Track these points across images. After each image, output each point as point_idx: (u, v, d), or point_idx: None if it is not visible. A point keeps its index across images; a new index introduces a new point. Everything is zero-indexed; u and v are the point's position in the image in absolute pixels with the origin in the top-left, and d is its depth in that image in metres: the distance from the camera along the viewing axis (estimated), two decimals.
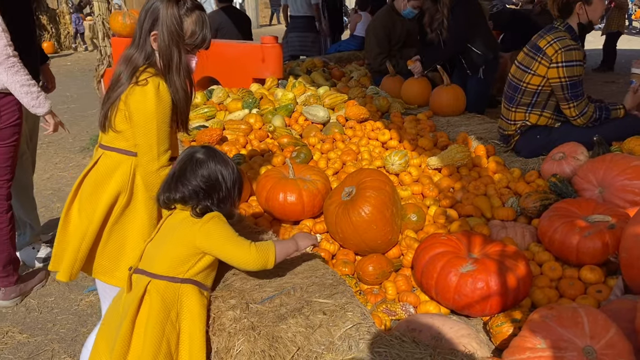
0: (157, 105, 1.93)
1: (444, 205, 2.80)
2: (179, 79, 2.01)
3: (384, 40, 5.21)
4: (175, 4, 1.95)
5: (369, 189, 2.31)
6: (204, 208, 1.83)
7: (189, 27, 1.98)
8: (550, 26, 3.20)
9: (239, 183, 1.93)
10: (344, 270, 2.25)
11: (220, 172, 1.86)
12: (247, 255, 1.76)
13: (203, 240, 1.78)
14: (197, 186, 1.83)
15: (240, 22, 6.54)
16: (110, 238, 2.07)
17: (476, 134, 3.64)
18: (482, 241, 2.15)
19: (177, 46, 1.96)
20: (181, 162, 1.88)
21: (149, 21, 1.97)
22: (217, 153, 1.90)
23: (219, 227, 1.80)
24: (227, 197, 1.89)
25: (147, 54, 2.00)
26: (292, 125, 3.99)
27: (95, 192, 2.07)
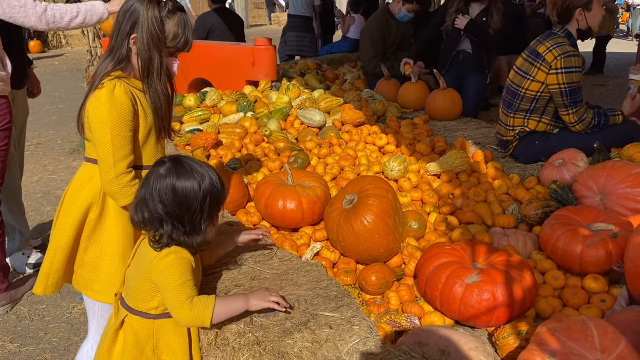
0: (109, 109, 1.81)
1: (444, 213, 2.77)
2: (160, 83, 1.93)
3: (379, 43, 5.18)
4: (156, 5, 1.87)
5: (372, 197, 2.28)
6: (164, 237, 1.67)
7: (171, 29, 1.90)
8: (550, 32, 3.19)
9: (211, 198, 1.68)
10: (346, 280, 2.22)
11: (183, 192, 1.64)
12: (179, 312, 1.61)
13: (156, 279, 1.66)
14: (155, 210, 1.64)
15: (233, 24, 6.48)
16: (87, 250, 2.00)
17: (474, 139, 3.63)
18: (486, 251, 2.12)
19: (157, 49, 1.88)
20: (144, 179, 1.72)
21: (128, 23, 1.88)
22: (181, 166, 1.68)
23: (169, 271, 1.63)
24: (195, 222, 1.67)
25: (121, 58, 1.91)
26: (287, 129, 3.95)
27: (69, 203, 2.01)
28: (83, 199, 1.96)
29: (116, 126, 1.83)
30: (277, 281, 1.89)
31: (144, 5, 1.86)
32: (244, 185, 2.86)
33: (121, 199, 1.89)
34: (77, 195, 1.98)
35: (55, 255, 1.99)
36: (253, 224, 2.70)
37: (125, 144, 1.86)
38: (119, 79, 1.87)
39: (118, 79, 1.86)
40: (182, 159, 1.71)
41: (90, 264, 1.99)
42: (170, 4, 1.90)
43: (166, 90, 1.99)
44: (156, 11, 1.86)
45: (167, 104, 2.02)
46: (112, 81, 1.85)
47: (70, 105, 8.47)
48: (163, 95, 1.98)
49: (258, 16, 25.47)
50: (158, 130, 2.05)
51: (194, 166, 1.69)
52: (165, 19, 1.89)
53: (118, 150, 1.85)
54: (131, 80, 1.93)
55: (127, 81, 1.90)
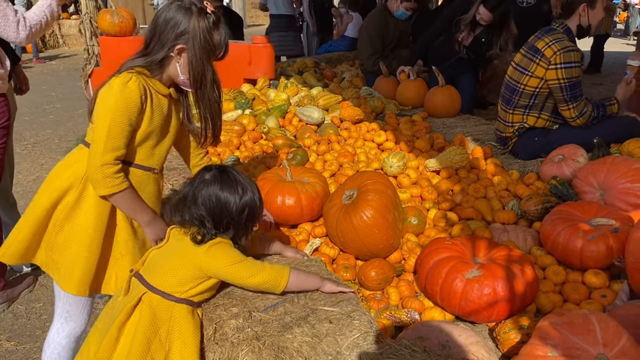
0: (117, 97, 1.80)
1: (443, 208, 2.76)
2: (213, 93, 1.95)
3: (377, 41, 5.17)
4: (205, 16, 1.86)
5: (371, 192, 2.26)
6: (204, 235, 1.77)
7: (216, 40, 1.90)
8: (549, 28, 3.18)
9: (249, 210, 1.81)
10: (346, 276, 2.20)
11: (224, 199, 1.78)
12: (256, 276, 1.74)
13: (209, 265, 1.74)
14: (196, 211, 1.77)
15: (233, 22, 6.47)
16: (60, 232, 1.97)
17: (472, 136, 3.61)
18: (486, 245, 2.11)
19: (209, 60, 1.90)
20: (189, 182, 1.82)
21: (171, 33, 1.86)
22: (227, 176, 1.81)
23: (224, 251, 1.75)
24: (232, 226, 1.80)
25: (153, 62, 1.90)
26: (286, 126, 3.93)
27: (52, 178, 1.99)
28: (65, 177, 1.95)
29: (118, 115, 1.81)
30: None
31: (194, 17, 1.85)
32: None
33: (100, 187, 1.86)
34: (62, 173, 1.97)
35: (24, 223, 1.97)
36: None
37: (120, 136, 1.84)
38: (139, 75, 1.86)
39: (137, 74, 1.85)
40: (229, 170, 1.83)
41: (59, 246, 1.97)
42: (213, 15, 1.89)
43: (218, 99, 2.02)
44: (206, 22, 1.86)
45: (219, 113, 2.05)
46: (131, 73, 1.84)
47: (67, 104, 8.45)
48: (216, 104, 2.01)
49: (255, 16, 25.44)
50: (205, 138, 2.08)
51: (238, 178, 1.81)
52: (213, 30, 1.89)
53: (111, 140, 1.82)
54: (152, 81, 1.91)
55: (146, 79, 1.89)
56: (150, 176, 2.05)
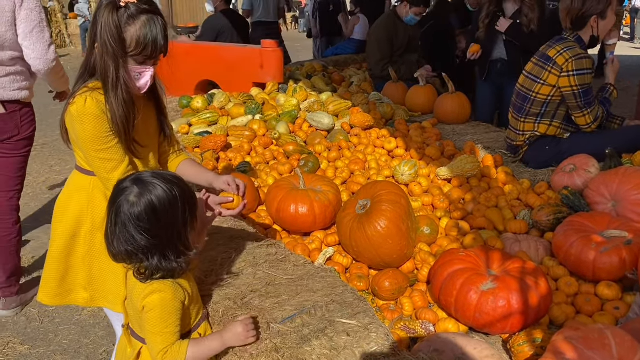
0: (82, 126, 1.74)
1: (455, 218, 2.77)
2: (115, 99, 1.75)
3: (387, 46, 5.17)
4: (114, 10, 1.68)
5: (385, 202, 2.28)
6: (149, 269, 1.57)
7: (132, 36, 1.71)
8: (560, 37, 3.19)
9: (189, 204, 1.59)
10: (359, 286, 2.21)
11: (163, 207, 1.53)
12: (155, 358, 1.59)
13: (141, 315, 1.59)
14: (136, 243, 1.54)
15: (240, 26, 6.49)
16: (92, 266, 1.93)
17: (483, 143, 3.62)
18: (500, 257, 2.12)
19: (113, 60, 1.71)
20: (110, 214, 1.57)
21: (93, 30, 1.72)
22: (146, 181, 1.56)
23: (151, 315, 1.56)
24: (183, 238, 1.59)
25: (90, 68, 1.79)
26: (296, 131, 3.95)
27: (58, 214, 1.97)
28: (71, 212, 1.93)
29: (95, 142, 1.76)
30: (293, 287, 1.88)
31: (102, 10, 1.70)
32: (255, 189, 2.86)
33: None
34: (66, 206, 1.95)
35: (49, 267, 1.98)
36: (264, 228, 2.70)
37: (111, 155, 1.80)
38: (92, 91, 1.77)
39: (91, 91, 1.76)
40: (144, 177, 1.58)
41: (98, 278, 1.94)
42: (132, 7, 1.70)
43: (125, 108, 1.78)
44: (113, 16, 1.68)
45: (126, 121, 1.80)
46: (84, 95, 1.75)
47: None
48: (119, 112, 1.77)
49: None
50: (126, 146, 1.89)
51: (157, 179, 1.57)
52: (125, 26, 1.70)
53: (106, 163, 1.80)
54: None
55: (101, 92, 1.78)
56: None
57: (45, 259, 2.02)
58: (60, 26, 16.22)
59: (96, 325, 3.06)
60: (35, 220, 4.48)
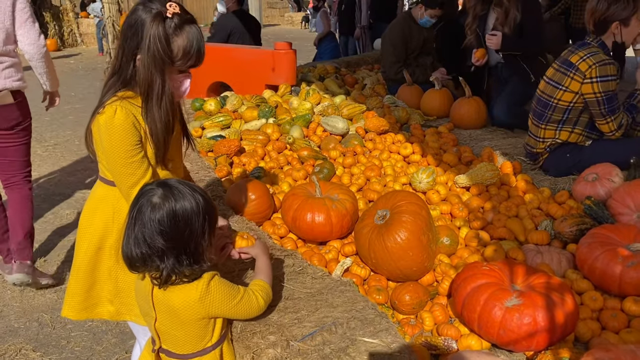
0: (111, 138, 1.71)
1: (475, 227, 2.71)
2: (159, 110, 1.75)
3: (401, 48, 5.11)
4: (161, 21, 1.67)
5: (405, 213, 2.22)
6: (165, 272, 1.57)
7: (179, 47, 1.71)
8: (583, 42, 3.11)
9: (209, 217, 1.61)
10: (378, 299, 2.16)
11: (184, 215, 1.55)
12: (257, 313, 1.70)
13: (212, 310, 1.63)
14: (153, 245, 1.54)
15: (251, 27, 6.45)
16: (118, 278, 1.91)
17: (501, 150, 3.55)
18: (524, 271, 2.05)
19: (160, 72, 1.71)
20: (133, 215, 1.58)
21: (133, 41, 1.70)
22: (173, 188, 1.58)
23: (217, 300, 1.62)
24: (198, 247, 1.59)
25: (126, 79, 1.76)
26: (310, 136, 3.90)
27: (84, 226, 1.94)
28: (97, 222, 1.91)
29: (121, 154, 1.74)
30: (312, 302, 1.84)
31: (148, 21, 1.67)
32: (270, 196, 2.82)
33: None
34: (91, 218, 1.93)
35: (74, 281, 1.96)
36: (279, 236, 2.65)
37: (135, 169, 1.77)
38: (122, 100, 1.74)
39: (121, 100, 1.74)
40: (170, 182, 1.61)
41: (125, 290, 1.91)
42: (176, 18, 1.70)
43: (166, 117, 1.79)
44: (160, 28, 1.67)
45: (165, 133, 1.81)
46: (114, 104, 1.72)
47: (87, 104, 8.47)
48: (161, 123, 1.78)
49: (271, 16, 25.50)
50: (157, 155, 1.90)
51: (183, 186, 1.60)
52: (172, 37, 1.69)
53: (128, 177, 1.77)
54: (138, 100, 1.79)
55: (132, 101, 1.77)
56: None
57: (70, 273, 1.99)
58: (72, 25, 16.27)
59: (108, 332, 3.02)
60: (47, 222, 4.46)
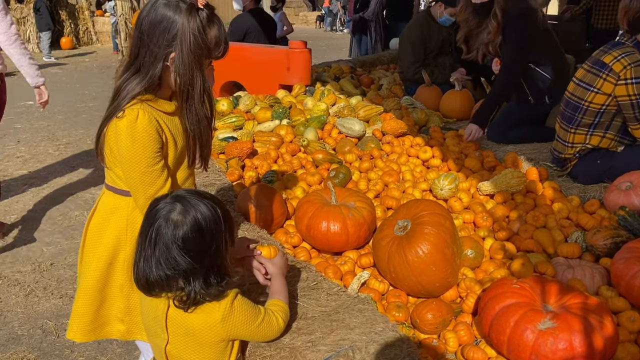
0: (132, 145, 1.59)
1: (500, 238, 2.54)
2: (202, 107, 1.68)
3: (420, 48, 4.95)
4: (196, 14, 1.57)
5: (427, 224, 2.07)
6: (192, 294, 1.46)
7: (212, 38, 1.62)
8: (616, 41, 2.93)
9: (229, 225, 1.52)
10: (398, 316, 2.01)
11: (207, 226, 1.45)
12: (277, 330, 1.62)
13: (233, 331, 1.53)
14: (177, 266, 1.43)
15: (267, 26, 6.32)
16: (130, 295, 1.79)
17: (525, 154, 3.38)
18: (558, 290, 1.89)
19: (199, 67, 1.62)
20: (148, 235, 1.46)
21: (162, 38, 1.58)
22: (189, 198, 1.48)
23: (245, 311, 1.54)
24: (224, 260, 1.51)
25: (153, 79, 1.62)
26: (325, 138, 3.75)
27: (92, 240, 1.80)
28: (108, 235, 1.77)
29: (142, 162, 1.61)
30: (327, 322, 1.69)
31: (183, 16, 1.55)
32: (283, 203, 2.68)
33: None
34: (102, 231, 1.78)
35: (81, 298, 1.82)
36: (292, 245, 2.51)
37: (155, 179, 1.65)
38: (143, 103, 1.62)
39: (141, 103, 1.61)
40: (182, 194, 1.50)
41: (137, 308, 1.77)
42: (205, 10, 1.61)
43: (208, 114, 1.74)
44: (198, 21, 1.57)
45: (208, 131, 1.77)
46: (135, 108, 1.60)
47: (100, 103, 8.41)
48: (205, 120, 1.73)
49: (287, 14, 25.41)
50: (192, 159, 1.82)
51: (197, 197, 1.49)
52: (207, 28, 1.60)
53: (148, 188, 1.64)
54: (158, 103, 1.68)
55: (152, 104, 1.65)
56: None
57: (77, 291, 1.85)
58: (87, 24, 16.29)
59: (113, 342, 2.90)
60: (56, 224, 4.36)
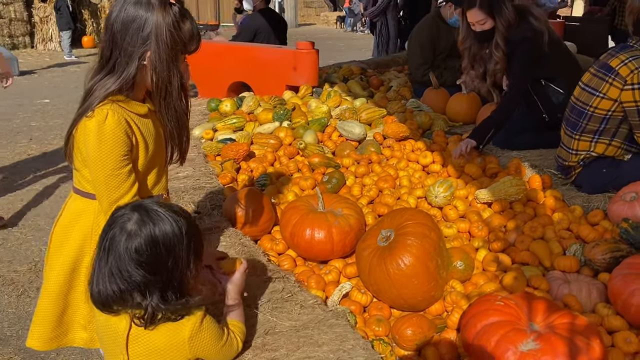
0: (99, 146, 1.53)
1: (495, 249, 2.43)
2: (180, 104, 1.65)
3: (429, 50, 4.84)
4: (169, 9, 1.55)
5: (411, 235, 1.97)
6: (149, 309, 1.37)
7: (186, 31, 1.59)
8: (624, 44, 2.79)
9: (195, 242, 1.43)
10: (378, 331, 1.92)
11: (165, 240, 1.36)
12: (236, 351, 1.57)
13: (199, 351, 1.47)
14: (130, 279, 1.34)
15: (278, 26, 6.27)
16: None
17: (530, 161, 3.25)
18: (545, 308, 1.78)
19: (176, 63, 1.59)
20: (104, 245, 1.38)
21: (136, 36, 1.53)
22: (150, 210, 1.39)
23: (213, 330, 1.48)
24: (183, 278, 1.41)
25: (127, 78, 1.57)
26: (324, 141, 3.67)
27: (57, 243, 1.75)
28: (73, 239, 1.71)
29: (108, 164, 1.56)
30: (294, 338, 1.62)
31: (156, 12, 1.52)
32: (271, 207, 2.60)
33: None
34: (67, 234, 1.73)
35: (43, 305, 1.76)
36: (277, 253, 2.44)
37: (120, 183, 1.59)
38: (114, 104, 1.57)
39: (112, 104, 1.56)
40: (146, 204, 1.42)
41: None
42: (175, 6, 1.57)
43: (185, 108, 1.71)
44: (172, 16, 1.54)
45: (184, 126, 1.74)
46: (104, 108, 1.54)
47: None
48: (184, 115, 1.71)
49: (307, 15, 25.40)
50: (170, 156, 1.80)
51: (161, 208, 1.41)
52: (180, 23, 1.57)
53: (112, 191, 1.59)
54: (130, 104, 1.62)
55: (123, 105, 1.60)
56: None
57: (40, 298, 1.79)
58: None
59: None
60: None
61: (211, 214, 2.60)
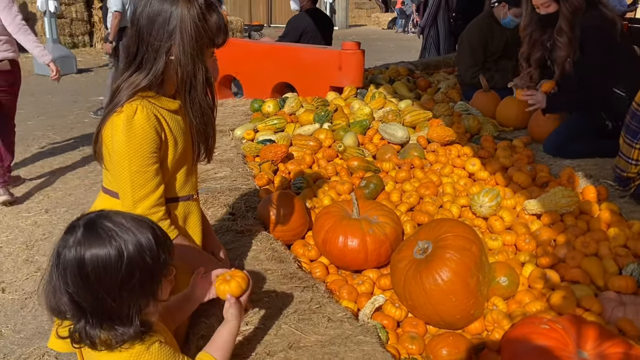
0: (127, 141, 1.50)
1: (542, 265, 2.26)
2: (204, 98, 1.62)
3: (479, 51, 4.64)
4: (195, 1, 1.53)
5: (450, 248, 1.84)
6: (77, 332, 1.23)
7: (213, 24, 1.57)
8: None
9: (141, 272, 1.21)
10: (411, 349, 1.80)
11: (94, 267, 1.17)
12: None
13: None
14: (59, 298, 1.20)
15: (324, 26, 6.18)
16: None
17: (584, 170, 3.04)
18: (597, 334, 1.62)
19: (200, 56, 1.56)
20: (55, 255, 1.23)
21: (162, 30, 1.51)
22: (96, 229, 1.20)
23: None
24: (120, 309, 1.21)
25: (157, 74, 1.54)
26: (365, 144, 3.56)
27: None
28: None
29: (135, 162, 1.52)
30: (319, 354, 1.51)
31: (181, 5, 1.50)
32: (305, 212, 2.52)
33: None
34: None
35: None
36: (309, 259, 2.35)
37: (147, 181, 1.55)
38: (144, 99, 1.54)
39: (142, 99, 1.53)
40: (99, 220, 1.22)
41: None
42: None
43: (211, 104, 1.69)
44: (197, 8, 1.52)
45: (211, 122, 1.71)
46: (134, 103, 1.52)
47: None
48: (209, 111, 1.68)
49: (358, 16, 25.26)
50: (197, 154, 1.75)
51: (113, 227, 1.21)
52: (207, 15, 1.55)
53: (138, 190, 1.54)
54: (160, 100, 1.59)
55: (153, 101, 1.57)
56: (191, 204, 1.78)
57: None
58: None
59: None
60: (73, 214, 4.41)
61: (245, 216, 2.54)
